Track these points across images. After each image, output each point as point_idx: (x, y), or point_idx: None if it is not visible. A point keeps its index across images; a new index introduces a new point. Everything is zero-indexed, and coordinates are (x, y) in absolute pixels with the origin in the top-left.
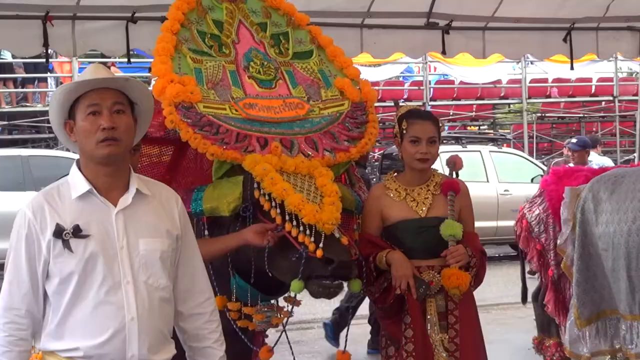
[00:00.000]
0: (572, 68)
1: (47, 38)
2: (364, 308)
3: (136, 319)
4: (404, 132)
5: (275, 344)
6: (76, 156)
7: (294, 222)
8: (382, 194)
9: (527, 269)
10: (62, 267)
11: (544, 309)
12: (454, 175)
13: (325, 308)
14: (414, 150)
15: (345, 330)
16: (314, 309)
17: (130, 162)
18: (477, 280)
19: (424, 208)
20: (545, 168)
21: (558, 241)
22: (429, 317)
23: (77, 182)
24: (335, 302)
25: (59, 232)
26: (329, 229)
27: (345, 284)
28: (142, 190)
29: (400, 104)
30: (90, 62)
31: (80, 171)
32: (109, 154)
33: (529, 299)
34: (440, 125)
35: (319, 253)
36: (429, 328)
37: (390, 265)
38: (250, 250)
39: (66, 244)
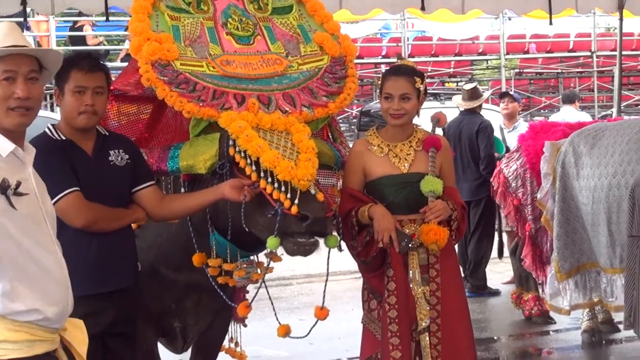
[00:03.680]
0: (550, 23)
1: None
2: (343, 264)
3: (67, 274)
4: (381, 88)
5: (253, 299)
6: None
7: (270, 179)
8: (365, 150)
9: (504, 223)
10: (6, 224)
11: (522, 263)
12: (437, 132)
13: (305, 264)
14: (387, 106)
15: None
16: (293, 266)
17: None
18: (459, 233)
19: (406, 164)
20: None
21: (538, 195)
22: (411, 270)
23: (1, 141)
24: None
25: (4, 188)
26: (304, 185)
27: (321, 241)
28: (27, 150)
29: (400, 58)
30: (68, 21)
31: None
32: (20, 123)
33: (505, 253)
34: (417, 80)
35: (294, 209)
36: (411, 281)
37: (372, 219)
38: (227, 206)
39: (9, 201)
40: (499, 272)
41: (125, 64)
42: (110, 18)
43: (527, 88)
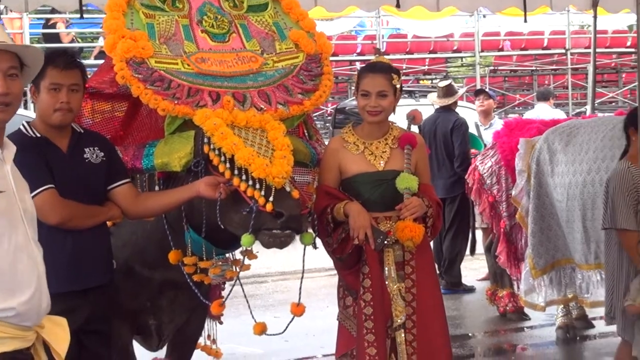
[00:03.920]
0: (525, 21)
1: None
2: (319, 261)
3: (43, 272)
4: (358, 85)
5: (227, 297)
6: None
7: (244, 177)
8: (340, 147)
9: (479, 220)
10: None
11: (496, 260)
12: (413, 129)
13: (280, 262)
14: (364, 103)
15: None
16: (268, 263)
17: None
18: (434, 230)
19: (381, 162)
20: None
21: (513, 192)
22: (386, 267)
23: None
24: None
25: None
26: (279, 183)
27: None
28: (7, 147)
29: (377, 54)
30: (41, 19)
31: None
32: None
33: (479, 250)
34: (394, 77)
35: (269, 207)
36: (386, 278)
37: (348, 216)
38: (202, 204)
39: None
40: (473, 269)
41: (99, 61)
42: (85, 15)
43: (502, 85)
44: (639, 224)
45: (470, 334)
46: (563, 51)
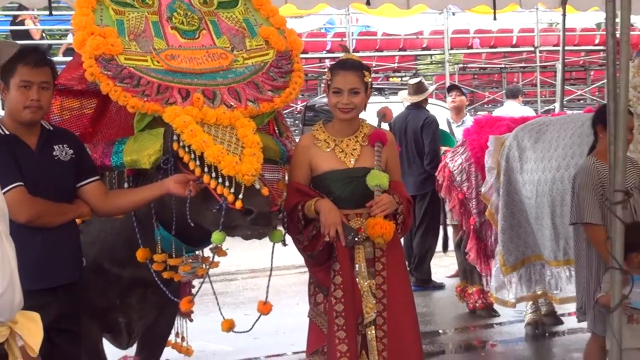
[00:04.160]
0: (495, 18)
1: None
2: (288, 259)
3: (15, 268)
4: (330, 82)
5: (196, 294)
6: None
7: (214, 174)
8: (311, 144)
9: (448, 218)
10: None
11: (466, 257)
12: (383, 126)
13: (250, 259)
14: (336, 100)
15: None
16: (238, 261)
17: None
18: (404, 227)
19: (352, 159)
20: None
21: (482, 189)
22: (357, 263)
23: None
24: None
25: None
26: (248, 180)
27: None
28: None
29: (345, 51)
30: (9, 15)
31: None
32: None
33: (451, 247)
34: (365, 74)
35: (239, 204)
36: (357, 275)
37: (318, 213)
38: (172, 201)
39: None
40: (443, 266)
41: (67, 58)
42: (54, 12)
43: (471, 83)
44: (605, 219)
45: (440, 331)
46: (532, 49)
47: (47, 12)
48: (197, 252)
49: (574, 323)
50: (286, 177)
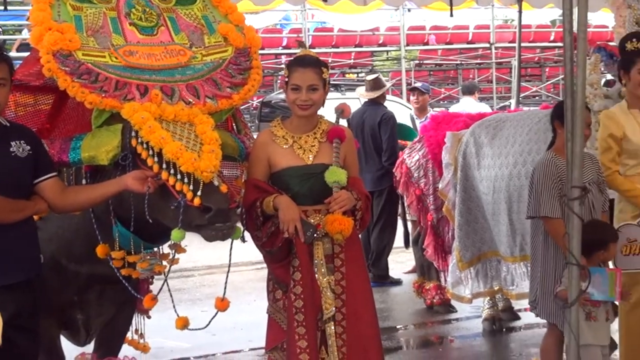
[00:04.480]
0: (451, 15)
1: None
2: (245, 255)
3: None
4: (287, 79)
5: (159, 292)
6: None
7: (172, 171)
8: (269, 141)
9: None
10: None
11: (424, 253)
12: (342, 123)
13: (207, 256)
14: (294, 97)
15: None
16: (194, 257)
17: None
18: (363, 223)
19: (310, 155)
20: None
21: (440, 185)
22: (316, 260)
23: None
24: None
25: None
26: (207, 177)
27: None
28: None
29: (301, 47)
30: None
31: None
32: None
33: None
34: (324, 70)
35: (197, 201)
36: (316, 271)
37: (277, 209)
38: (131, 198)
39: None
40: (400, 262)
41: (21, 54)
42: (9, 7)
43: (427, 79)
44: (563, 213)
45: (397, 327)
46: (487, 45)
47: (1, 7)
48: (155, 249)
49: (531, 318)
50: (245, 174)
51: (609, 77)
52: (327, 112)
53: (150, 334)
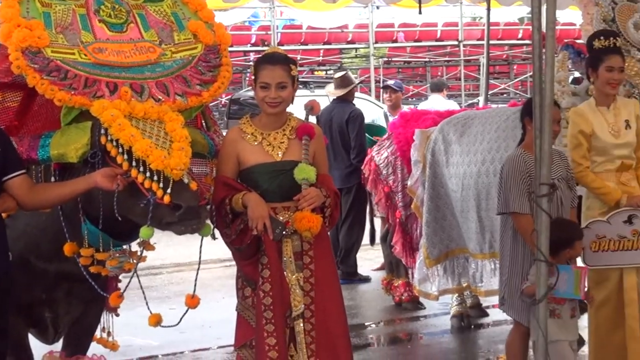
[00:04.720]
0: (420, 12)
1: None
2: (214, 252)
3: None
4: (255, 77)
5: (125, 289)
6: None
7: (142, 168)
8: (238, 138)
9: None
10: None
11: (392, 250)
12: (311, 120)
13: (175, 254)
14: (263, 95)
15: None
16: (163, 255)
17: None
18: (332, 220)
19: (279, 152)
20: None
21: (408, 182)
22: (285, 257)
23: None
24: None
25: None
26: (177, 175)
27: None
28: None
29: (266, 46)
30: None
31: None
32: None
33: (377, 240)
34: (292, 67)
35: (167, 199)
36: (285, 268)
37: (246, 206)
38: (100, 195)
39: None
40: (369, 259)
41: None
42: None
43: (396, 76)
44: (532, 210)
45: (366, 324)
46: (456, 43)
47: None
48: (124, 247)
49: (499, 315)
50: (214, 171)
51: (577, 74)
52: (297, 109)
53: (118, 331)
